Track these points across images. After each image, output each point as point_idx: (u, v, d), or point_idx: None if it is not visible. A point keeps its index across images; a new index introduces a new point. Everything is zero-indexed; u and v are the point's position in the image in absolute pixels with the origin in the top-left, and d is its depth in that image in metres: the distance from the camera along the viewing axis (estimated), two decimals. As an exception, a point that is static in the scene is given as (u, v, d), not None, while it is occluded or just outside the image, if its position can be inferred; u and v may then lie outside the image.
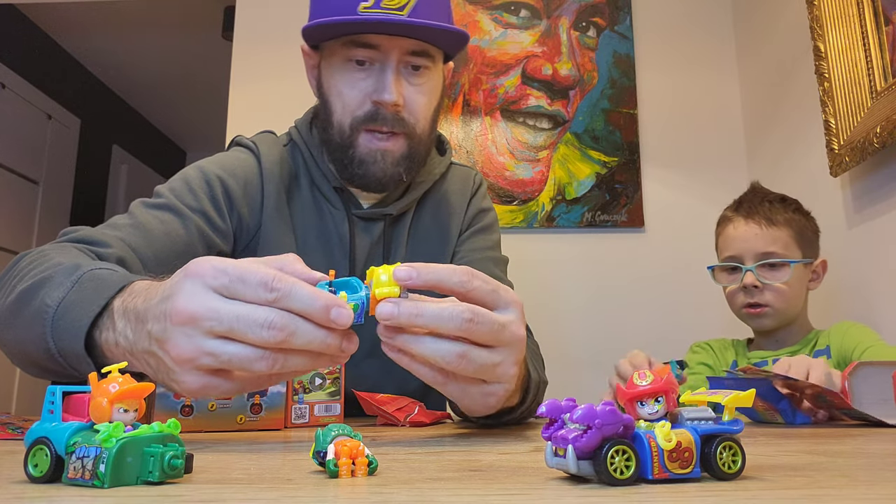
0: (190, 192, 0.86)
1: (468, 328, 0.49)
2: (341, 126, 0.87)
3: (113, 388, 0.32)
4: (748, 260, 1.21)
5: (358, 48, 0.84)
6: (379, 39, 0.83)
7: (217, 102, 2.68)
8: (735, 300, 1.24)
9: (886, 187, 1.30)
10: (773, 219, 1.22)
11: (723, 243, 1.28)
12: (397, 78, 0.84)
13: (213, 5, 3.13)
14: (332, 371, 0.72)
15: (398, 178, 0.89)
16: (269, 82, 2.08)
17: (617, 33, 2.02)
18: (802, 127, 1.62)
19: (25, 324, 0.58)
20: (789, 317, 1.21)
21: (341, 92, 0.87)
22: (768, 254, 1.19)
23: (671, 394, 0.32)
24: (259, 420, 0.64)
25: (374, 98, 0.84)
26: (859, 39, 1.32)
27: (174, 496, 0.28)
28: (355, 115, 0.86)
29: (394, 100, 0.83)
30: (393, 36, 0.83)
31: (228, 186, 0.88)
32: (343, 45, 0.85)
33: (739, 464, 0.31)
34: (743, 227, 1.23)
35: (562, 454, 0.31)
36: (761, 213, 1.22)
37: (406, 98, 0.86)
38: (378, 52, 0.84)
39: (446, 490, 0.30)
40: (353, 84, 0.86)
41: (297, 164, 0.95)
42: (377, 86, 0.84)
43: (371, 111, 0.85)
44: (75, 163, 3.77)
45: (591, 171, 1.95)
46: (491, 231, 1.03)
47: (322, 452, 0.34)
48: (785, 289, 1.18)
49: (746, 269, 1.20)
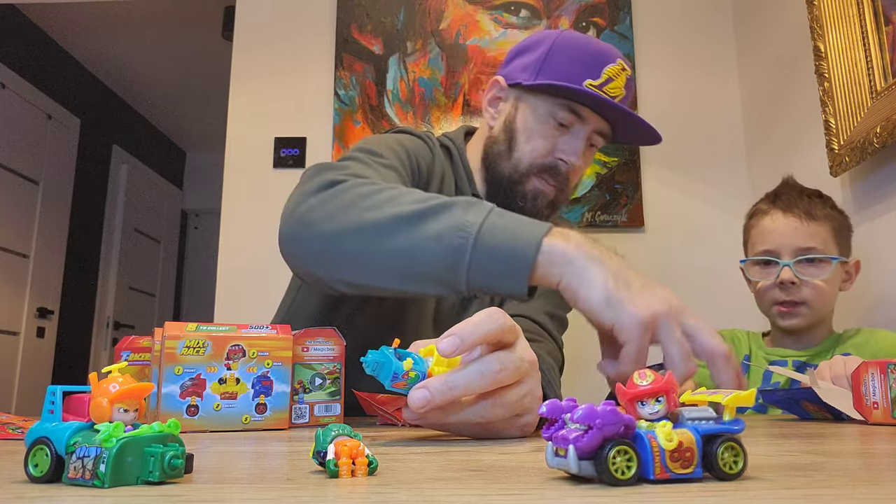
0: (398, 159, 0.89)
1: (500, 378, 0.50)
2: (519, 163, 0.96)
3: (113, 388, 0.32)
4: (786, 255, 1.13)
5: (568, 113, 0.94)
6: (586, 112, 0.94)
7: (217, 102, 2.68)
8: (766, 296, 1.17)
9: (886, 187, 1.30)
10: (813, 213, 1.14)
11: (757, 236, 1.20)
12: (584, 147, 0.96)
13: (213, 5, 3.13)
14: (332, 371, 0.72)
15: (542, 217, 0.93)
16: (269, 82, 2.08)
17: (617, 33, 2.02)
18: (802, 127, 1.62)
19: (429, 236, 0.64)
20: (822, 317, 1.16)
21: (533, 138, 0.96)
22: (808, 249, 1.12)
23: (672, 393, 0.32)
24: (264, 420, 0.64)
25: (560, 156, 0.95)
26: (859, 39, 1.32)
27: (174, 496, 0.28)
28: (536, 162, 0.96)
29: (576, 163, 0.96)
30: (597, 114, 0.94)
31: (420, 165, 0.94)
32: (554, 105, 0.95)
33: (741, 464, 0.31)
34: (782, 220, 1.16)
35: (563, 454, 0.31)
36: (801, 206, 1.15)
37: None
38: (580, 121, 0.95)
39: (446, 490, 0.30)
40: (549, 138, 0.96)
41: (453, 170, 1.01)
42: (567, 148, 0.95)
43: (551, 163, 0.96)
44: (75, 163, 3.77)
45: (591, 171, 1.95)
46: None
47: (322, 452, 0.34)
48: (824, 287, 1.12)
49: (784, 265, 1.12)
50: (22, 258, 3.33)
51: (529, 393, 0.54)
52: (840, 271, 1.16)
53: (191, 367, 0.61)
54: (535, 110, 0.96)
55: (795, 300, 1.13)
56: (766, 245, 1.17)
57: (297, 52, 2.08)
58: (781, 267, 1.13)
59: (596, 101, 0.92)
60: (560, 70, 0.93)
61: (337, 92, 1.99)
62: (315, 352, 0.72)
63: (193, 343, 0.61)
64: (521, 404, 0.53)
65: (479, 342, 0.50)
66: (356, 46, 2.04)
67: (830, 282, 1.13)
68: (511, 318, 0.53)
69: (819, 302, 1.13)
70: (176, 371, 0.61)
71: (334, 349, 0.73)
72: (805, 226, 1.13)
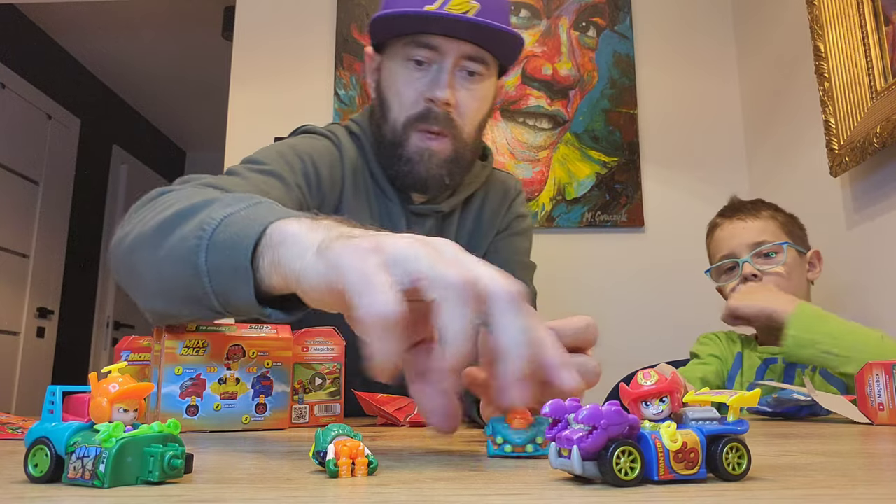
0: (288, 166, 0.86)
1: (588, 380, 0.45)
2: (395, 124, 0.90)
3: (113, 388, 0.32)
4: (742, 253, 1.21)
5: (418, 48, 0.87)
6: (439, 41, 0.86)
7: (217, 102, 2.68)
8: None
9: (886, 187, 1.30)
10: (757, 213, 1.24)
11: (714, 247, 1.29)
12: (452, 79, 0.87)
13: (213, 5, 3.13)
14: (332, 371, 0.72)
15: (440, 180, 0.90)
16: (269, 82, 2.08)
17: (617, 33, 2.02)
18: (802, 127, 1.62)
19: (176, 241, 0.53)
20: None
21: (399, 90, 0.89)
22: (759, 243, 1.20)
23: (676, 394, 0.32)
24: (264, 420, 0.64)
25: (428, 95, 0.87)
26: (859, 39, 1.32)
27: (174, 496, 0.28)
28: (409, 114, 0.88)
29: (446, 97, 0.86)
30: (452, 39, 0.86)
31: (318, 166, 0.89)
32: (404, 45, 0.88)
33: (745, 464, 0.31)
34: (729, 225, 1.25)
35: (566, 455, 0.31)
36: (745, 210, 1.25)
37: (458, 100, 0.88)
38: (436, 54, 0.87)
39: (446, 490, 0.30)
40: (410, 83, 0.88)
41: (363, 158, 0.96)
42: (432, 84, 0.87)
43: (424, 110, 0.87)
44: (75, 163, 3.77)
45: (591, 171, 1.95)
46: (525, 237, 1.07)
47: (322, 452, 0.34)
48: (783, 273, 1.17)
49: (743, 261, 1.19)
50: (22, 258, 3.33)
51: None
52: (801, 262, 1.22)
53: (191, 367, 0.61)
54: (393, 62, 0.90)
55: None
56: (722, 251, 1.25)
57: (297, 52, 2.08)
58: (741, 264, 1.19)
59: (438, 19, 0.83)
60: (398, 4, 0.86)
61: (337, 92, 1.99)
62: (315, 352, 0.72)
63: (193, 343, 0.61)
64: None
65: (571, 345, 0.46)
66: (356, 46, 2.04)
67: (791, 270, 1.18)
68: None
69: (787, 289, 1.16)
70: (176, 371, 0.61)
71: (334, 349, 0.73)
72: (752, 223, 1.23)
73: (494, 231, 1.03)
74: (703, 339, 1.32)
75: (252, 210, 0.51)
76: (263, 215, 0.49)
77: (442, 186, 0.92)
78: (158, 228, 0.56)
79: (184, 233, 0.53)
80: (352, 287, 0.37)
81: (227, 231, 0.50)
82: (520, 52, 0.92)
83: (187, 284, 0.52)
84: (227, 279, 0.49)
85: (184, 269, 0.52)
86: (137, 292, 0.61)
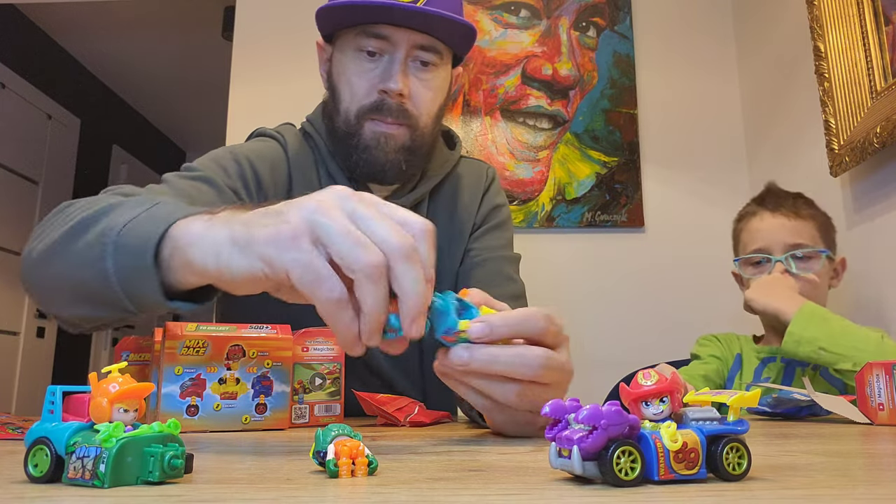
0: (223, 170, 0.86)
1: (540, 374, 0.50)
2: (348, 114, 0.88)
3: (113, 388, 0.32)
4: (777, 251, 1.17)
5: (369, 38, 0.85)
6: (389, 31, 0.85)
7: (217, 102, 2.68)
8: None
9: (886, 187, 1.30)
10: (798, 212, 1.20)
11: (748, 237, 1.24)
12: (404, 70, 0.86)
13: (213, 5, 3.13)
14: (332, 371, 0.72)
15: (398, 167, 0.89)
16: (269, 82, 2.08)
17: (617, 33, 2.02)
18: (802, 127, 1.62)
19: (82, 248, 0.55)
20: None
21: (350, 81, 0.88)
22: (797, 245, 1.16)
23: (676, 394, 0.32)
24: (264, 420, 0.64)
25: (381, 87, 0.86)
26: (859, 39, 1.32)
27: (174, 496, 0.28)
28: (362, 104, 0.87)
29: (398, 89, 0.84)
30: (403, 29, 0.84)
31: (257, 168, 0.89)
32: (355, 36, 0.87)
33: (745, 465, 0.31)
34: (770, 219, 1.21)
35: (566, 455, 0.31)
36: (787, 206, 1.21)
37: (412, 90, 0.87)
38: (388, 44, 0.85)
39: (446, 490, 0.30)
40: (362, 74, 0.87)
41: (314, 156, 0.95)
42: (384, 75, 0.86)
43: (377, 101, 0.86)
44: (75, 163, 3.77)
45: (591, 171, 1.95)
46: (505, 228, 1.04)
47: (322, 452, 0.34)
48: (817, 280, 1.14)
49: (777, 260, 1.16)
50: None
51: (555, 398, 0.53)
52: (829, 269, 1.20)
53: (191, 367, 0.61)
54: (343, 52, 0.89)
55: None
56: (757, 244, 1.21)
57: (297, 52, 2.08)
58: (774, 263, 1.16)
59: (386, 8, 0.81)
60: None
61: (337, 92, 1.99)
62: (315, 352, 0.72)
63: (193, 343, 0.61)
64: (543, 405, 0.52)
65: (508, 336, 0.50)
66: (356, 46, 2.04)
67: (822, 276, 1.16)
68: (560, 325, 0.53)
69: (812, 296, 1.14)
70: (176, 371, 0.61)
71: (334, 349, 0.73)
72: (792, 223, 1.18)
73: (471, 225, 1.00)
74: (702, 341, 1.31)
75: (152, 211, 0.53)
76: (163, 216, 0.51)
77: (400, 173, 0.90)
78: (65, 237, 0.58)
79: (89, 240, 0.55)
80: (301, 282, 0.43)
81: (129, 234, 0.52)
82: (473, 41, 0.91)
83: (100, 288, 0.54)
84: (135, 281, 0.51)
85: (93, 274, 0.53)
86: (54, 302, 0.62)
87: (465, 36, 0.89)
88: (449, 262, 0.97)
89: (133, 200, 0.57)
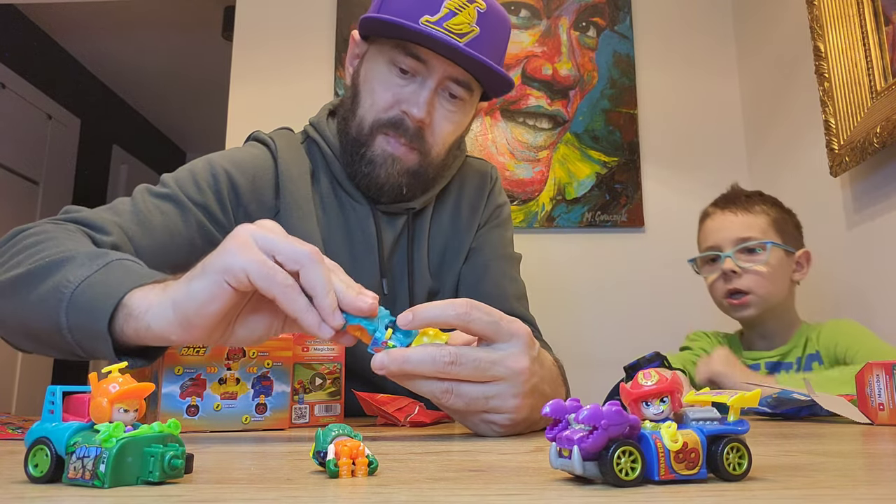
0: (194, 185, 0.85)
1: (450, 370, 0.53)
2: (363, 121, 0.87)
3: (113, 389, 0.32)
4: (726, 247, 1.21)
5: (406, 56, 0.84)
6: (430, 56, 0.83)
7: (217, 102, 2.68)
8: (716, 290, 1.24)
9: (886, 187, 1.30)
10: (748, 208, 1.23)
11: (703, 237, 1.30)
12: (433, 98, 0.85)
13: (213, 5, 3.13)
14: (332, 371, 0.72)
15: (398, 190, 0.88)
16: (269, 82, 2.08)
17: (617, 33, 2.02)
18: (802, 127, 1.62)
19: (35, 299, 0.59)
20: (771, 305, 1.20)
21: (374, 90, 0.86)
22: (745, 238, 1.20)
23: (676, 394, 0.32)
24: (264, 420, 0.64)
25: (405, 108, 0.85)
26: (859, 39, 1.32)
27: (174, 496, 0.28)
28: (379, 117, 0.86)
29: (422, 117, 0.84)
30: (444, 57, 0.83)
31: (235, 181, 0.88)
32: (393, 48, 0.85)
33: (746, 465, 0.31)
34: (720, 216, 1.25)
35: (567, 455, 0.31)
36: (738, 203, 1.24)
37: (434, 120, 0.86)
38: (423, 67, 0.84)
39: (446, 490, 0.30)
40: (390, 88, 0.85)
41: (316, 160, 0.94)
42: (411, 98, 0.84)
43: (396, 118, 0.85)
44: (75, 163, 3.77)
45: (591, 171, 1.95)
46: (506, 228, 1.05)
47: (322, 452, 0.34)
48: (764, 271, 1.17)
49: (725, 256, 1.20)
50: (22, 258, 3.32)
51: (498, 396, 0.55)
52: (787, 261, 1.22)
53: (191, 367, 0.61)
54: (377, 59, 0.87)
55: (740, 289, 1.19)
56: (709, 242, 1.26)
57: (297, 52, 2.08)
58: (723, 258, 1.20)
59: (430, 39, 0.79)
60: (397, 6, 0.82)
61: (337, 92, 1.99)
62: (315, 352, 0.72)
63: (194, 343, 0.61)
64: (484, 403, 0.55)
65: (428, 324, 0.54)
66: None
67: (773, 269, 1.18)
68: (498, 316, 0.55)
69: (763, 289, 1.18)
70: (176, 371, 0.61)
71: (334, 349, 0.73)
72: (741, 218, 1.22)
73: (476, 225, 1.00)
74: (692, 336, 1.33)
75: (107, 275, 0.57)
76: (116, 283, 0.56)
77: (398, 196, 0.90)
78: (19, 282, 0.61)
79: (42, 293, 0.58)
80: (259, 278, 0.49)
81: (83, 296, 0.56)
82: (508, 90, 0.90)
83: (51, 335, 0.58)
84: (88, 340, 0.56)
85: (47, 324, 0.57)
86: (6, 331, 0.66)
87: (502, 84, 0.88)
88: (454, 259, 0.97)
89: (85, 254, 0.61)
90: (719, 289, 1.23)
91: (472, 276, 0.96)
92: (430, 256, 0.96)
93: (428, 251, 0.96)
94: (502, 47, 0.88)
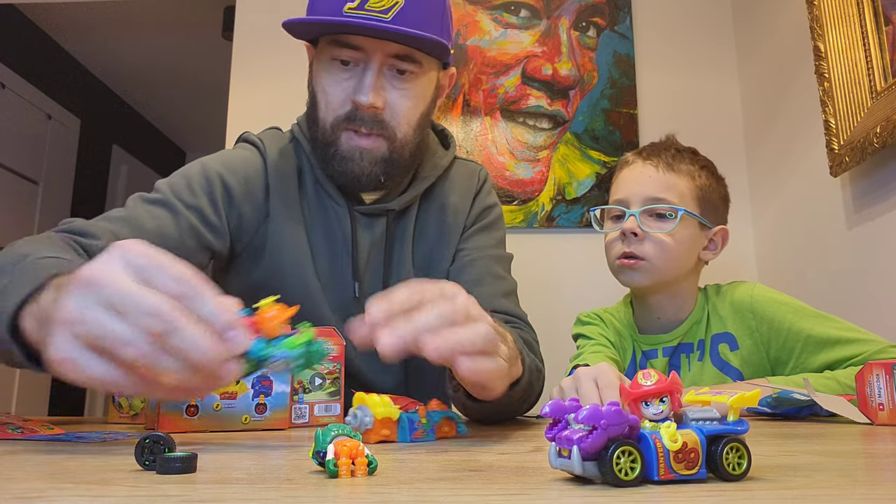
0: (188, 188, 0.87)
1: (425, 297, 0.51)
2: (325, 123, 0.88)
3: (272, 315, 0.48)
4: (634, 204, 1.06)
5: (342, 48, 0.84)
6: (362, 41, 0.83)
7: (217, 102, 2.69)
8: (612, 249, 1.09)
9: (886, 187, 1.30)
10: (673, 166, 1.08)
11: (614, 186, 1.14)
12: (378, 80, 0.84)
13: (213, 5, 3.13)
14: (332, 371, 0.72)
15: (376, 179, 0.88)
16: (269, 82, 2.08)
17: (617, 33, 2.02)
18: (802, 127, 1.62)
19: None
20: (666, 279, 1.07)
21: (325, 90, 0.87)
22: (657, 199, 1.05)
23: (676, 394, 0.32)
24: (264, 420, 0.64)
25: (353, 98, 0.85)
26: (859, 39, 1.32)
27: (174, 496, 0.28)
28: (337, 115, 0.87)
29: (369, 102, 0.83)
30: (375, 39, 0.82)
31: (228, 184, 0.89)
32: (329, 45, 0.86)
33: (745, 465, 0.31)
34: (639, 168, 1.09)
35: (566, 455, 0.31)
36: (663, 157, 1.09)
37: (389, 101, 0.86)
38: (361, 54, 0.84)
39: (446, 490, 0.30)
40: (337, 83, 0.86)
41: (301, 160, 0.95)
42: (357, 87, 0.85)
43: (350, 111, 0.86)
44: (75, 163, 3.77)
45: (591, 171, 1.95)
46: (495, 228, 1.02)
47: (322, 452, 0.34)
48: (667, 241, 1.03)
49: (630, 214, 1.05)
50: (22, 258, 3.32)
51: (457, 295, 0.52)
52: (699, 235, 1.08)
53: (191, 367, 0.61)
54: (321, 59, 0.88)
55: (637, 254, 1.05)
56: (618, 195, 1.10)
57: (297, 52, 2.08)
58: (627, 216, 1.05)
59: (353, 26, 0.79)
60: (321, 4, 0.83)
61: (337, 92, 1.99)
62: (315, 352, 0.72)
63: (193, 343, 0.61)
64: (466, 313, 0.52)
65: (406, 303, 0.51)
66: (356, 46, 2.03)
67: (679, 240, 1.05)
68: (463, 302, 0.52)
69: (661, 259, 1.04)
70: (176, 371, 0.61)
71: (334, 349, 0.73)
72: (661, 175, 1.07)
73: (462, 226, 0.99)
74: (584, 318, 1.20)
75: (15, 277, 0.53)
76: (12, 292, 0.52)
77: (378, 185, 0.90)
78: None
79: None
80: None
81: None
82: (447, 51, 0.87)
83: None
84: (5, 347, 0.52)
85: None
86: None
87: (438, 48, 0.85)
88: (440, 262, 0.97)
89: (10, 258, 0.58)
90: (615, 248, 1.08)
91: (458, 276, 0.95)
92: (415, 258, 0.96)
93: (413, 253, 0.96)
94: (437, 10, 0.86)
